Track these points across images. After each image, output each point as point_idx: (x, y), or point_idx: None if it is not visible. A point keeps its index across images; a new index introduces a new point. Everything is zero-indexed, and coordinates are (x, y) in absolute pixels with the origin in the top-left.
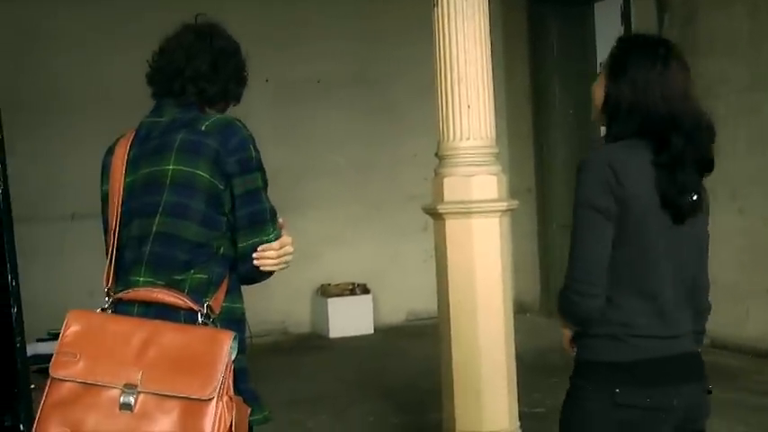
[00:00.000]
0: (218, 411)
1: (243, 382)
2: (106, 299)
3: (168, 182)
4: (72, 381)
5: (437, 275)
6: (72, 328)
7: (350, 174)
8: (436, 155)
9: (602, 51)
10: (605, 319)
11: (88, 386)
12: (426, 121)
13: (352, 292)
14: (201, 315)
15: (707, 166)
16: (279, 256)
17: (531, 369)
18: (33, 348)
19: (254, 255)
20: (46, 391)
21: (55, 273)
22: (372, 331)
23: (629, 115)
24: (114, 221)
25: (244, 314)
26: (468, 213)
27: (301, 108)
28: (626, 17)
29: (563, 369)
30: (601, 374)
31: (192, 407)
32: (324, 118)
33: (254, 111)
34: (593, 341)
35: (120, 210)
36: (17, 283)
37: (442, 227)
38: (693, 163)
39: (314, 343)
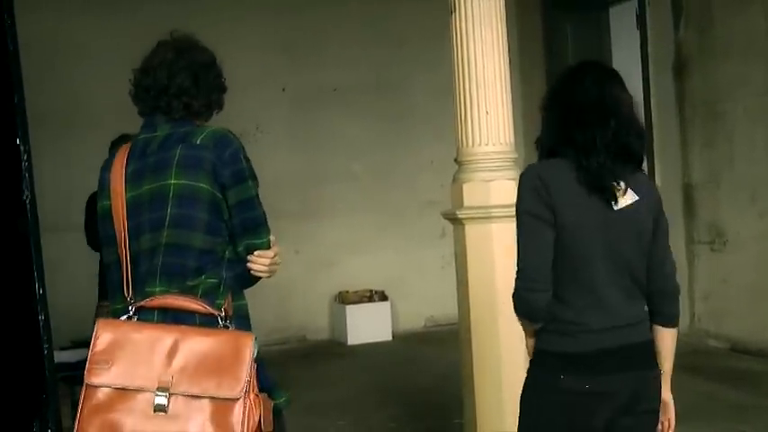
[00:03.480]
0: (247, 409)
1: (261, 372)
2: (129, 308)
3: (172, 195)
4: (107, 387)
5: (457, 281)
6: (102, 337)
7: (367, 181)
8: (455, 160)
9: (618, 56)
10: (554, 314)
11: (122, 391)
12: (443, 127)
13: (371, 299)
14: (221, 319)
15: (630, 157)
16: (270, 264)
17: None
18: (56, 357)
19: (249, 258)
20: (82, 398)
21: (76, 283)
22: (391, 338)
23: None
24: (123, 236)
25: (248, 310)
26: (487, 218)
27: (318, 116)
28: (641, 21)
29: None
30: (548, 363)
31: (223, 406)
32: (340, 125)
33: (270, 119)
34: (546, 335)
35: (126, 224)
36: (44, 291)
37: (461, 232)
38: (609, 154)
39: (332, 350)
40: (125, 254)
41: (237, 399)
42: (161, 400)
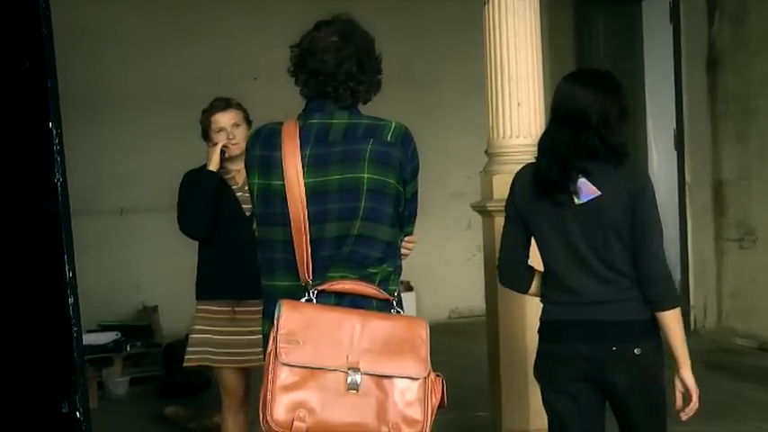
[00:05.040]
0: (429, 387)
1: None
2: (310, 291)
3: (365, 189)
4: (300, 366)
5: (485, 273)
6: (289, 318)
7: None
8: (485, 152)
9: (650, 50)
10: (541, 291)
11: (314, 370)
12: (470, 119)
13: None
14: (396, 303)
15: (595, 158)
16: (412, 248)
17: None
18: (84, 340)
19: (403, 242)
20: (270, 375)
21: (103, 266)
22: None
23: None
24: (302, 219)
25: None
26: None
27: None
28: (674, 15)
29: None
30: (541, 332)
31: (409, 386)
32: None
33: (298, 110)
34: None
35: (306, 208)
36: (74, 274)
37: (490, 224)
38: (564, 156)
39: None
40: (305, 238)
41: (421, 378)
42: (355, 378)
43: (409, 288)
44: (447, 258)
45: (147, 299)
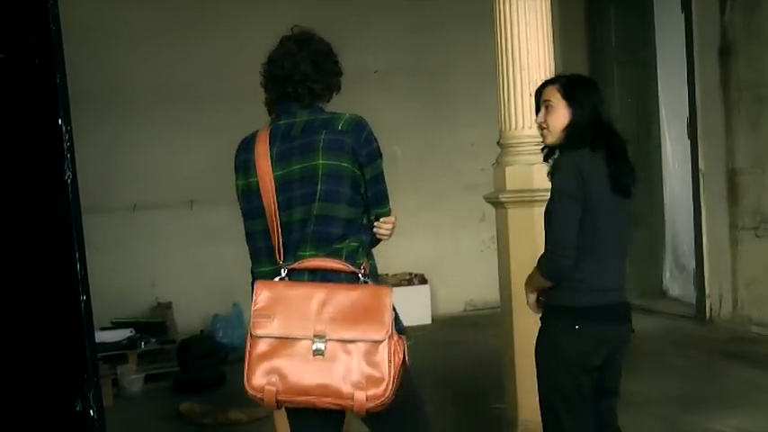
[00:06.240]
0: (392, 348)
1: (397, 322)
2: (282, 271)
3: (320, 174)
4: (270, 337)
5: (499, 264)
6: (261, 295)
7: (407, 164)
8: (498, 143)
9: (662, 40)
10: (570, 276)
11: (284, 340)
12: (483, 111)
13: (410, 283)
14: (362, 275)
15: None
16: (391, 229)
17: None
18: (97, 337)
19: (375, 224)
20: (248, 347)
21: (116, 263)
22: (430, 321)
23: (588, 130)
24: (273, 208)
25: (377, 268)
26: (530, 202)
27: (358, 98)
28: (686, 5)
29: None
30: (565, 315)
31: (372, 347)
32: (381, 108)
33: None
34: (562, 292)
35: (276, 198)
36: (86, 272)
37: (504, 216)
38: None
39: None
40: (276, 224)
41: (383, 340)
42: (319, 345)
43: (423, 281)
44: (461, 251)
45: (162, 295)
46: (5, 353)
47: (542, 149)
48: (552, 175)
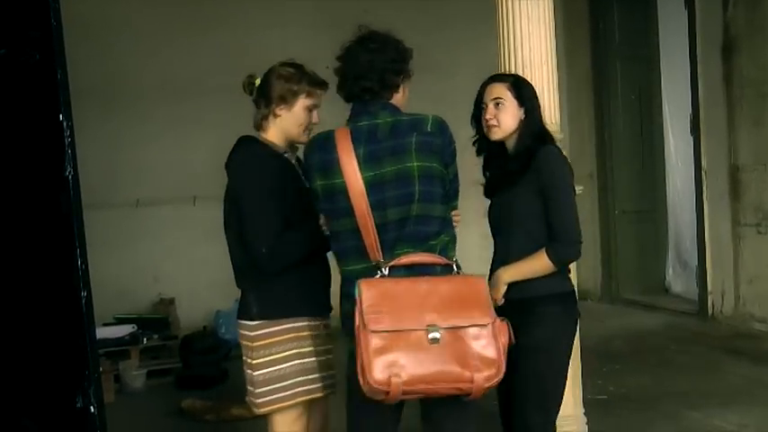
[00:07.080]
0: (497, 330)
1: None
2: (382, 268)
3: (416, 175)
4: (385, 331)
5: None
6: (368, 293)
7: None
8: None
9: (665, 36)
10: None
11: (398, 333)
12: None
13: None
14: (457, 267)
15: None
16: (459, 220)
17: (593, 355)
18: (99, 333)
19: (452, 215)
20: (363, 343)
21: (119, 259)
22: None
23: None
24: (365, 208)
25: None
26: None
27: None
28: (689, 1)
29: (625, 355)
30: (566, 300)
31: (480, 332)
32: None
33: None
34: (555, 279)
35: (368, 200)
36: (86, 268)
37: None
38: None
39: None
40: (371, 224)
41: (489, 324)
42: (435, 334)
43: None
44: (463, 246)
45: (164, 291)
46: (6, 349)
47: (474, 143)
48: (550, 170)
